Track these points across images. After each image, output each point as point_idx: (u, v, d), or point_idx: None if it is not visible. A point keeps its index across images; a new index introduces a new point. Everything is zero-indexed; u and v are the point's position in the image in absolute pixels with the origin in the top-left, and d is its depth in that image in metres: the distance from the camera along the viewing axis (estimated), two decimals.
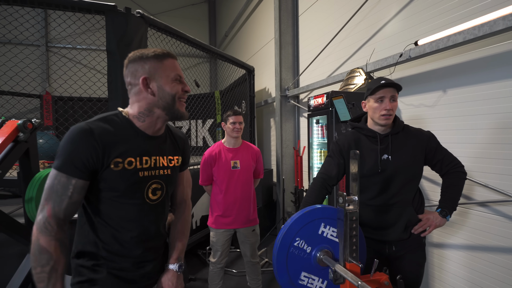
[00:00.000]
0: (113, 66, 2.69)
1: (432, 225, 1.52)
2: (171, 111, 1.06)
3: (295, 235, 1.27)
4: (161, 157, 1.12)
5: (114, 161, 0.99)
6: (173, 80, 1.05)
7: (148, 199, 1.08)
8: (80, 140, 0.94)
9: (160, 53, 1.05)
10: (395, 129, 1.56)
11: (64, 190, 0.94)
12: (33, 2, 2.49)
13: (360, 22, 3.07)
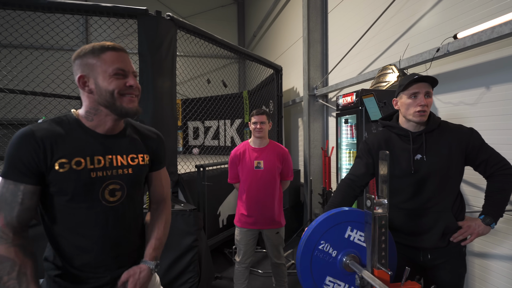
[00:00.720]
0: (144, 67, 2.80)
1: (474, 233, 1.37)
2: (113, 109, 0.99)
3: (319, 238, 1.23)
4: (119, 156, 1.05)
5: (58, 162, 0.93)
6: (111, 76, 0.96)
7: (105, 201, 1.00)
8: (20, 144, 0.91)
9: (98, 47, 0.97)
10: (430, 126, 1.42)
11: (14, 197, 0.90)
12: (72, 9, 2.66)
13: (393, 17, 2.92)
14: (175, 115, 3.06)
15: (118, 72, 0.97)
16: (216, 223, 3.58)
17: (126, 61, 1.01)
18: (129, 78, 1.00)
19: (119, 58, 0.99)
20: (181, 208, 2.32)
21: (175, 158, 3.04)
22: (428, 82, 1.38)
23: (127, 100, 1.00)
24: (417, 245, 1.43)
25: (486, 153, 1.39)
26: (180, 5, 9.50)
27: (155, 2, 9.09)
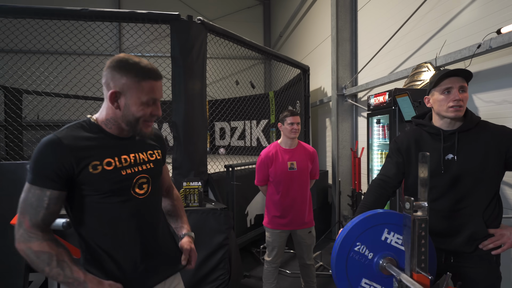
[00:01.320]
0: (176, 70, 2.90)
1: (508, 243, 1.27)
2: (133, 129, 1.05)
3: (355, 240, 1.22)
4: (141, 153, 1.13)
5: (91, 165, 0.98)
6: (143, 103, 1.01)
7: (136, 194, 1.08)
8: (49, 151, 0.94)
9: (141, 73, 0.99)
10: (466, 125, 1.33)
11: (40, 202, 0.94)
12: (110, 17, 2.81)
13: (428, 13, 2.81)
14: (205, 116, 3.14)
15: (149, 101, 1.02)
16: (244, 222, 3.63)
17: (159, 90, 1.05)
18: (156, 106, 1.05)
19: (155, 88, 1.03)
20: (212, 207, 2.37)
21: (205, 158, 3.11)
22: (461, 76, 1.30)
23: (146, 126, 1.06)
24: (439, 246, 1.34)
25: None
26: (208, 8, 9.71)
27: (183, 6, 9.37)
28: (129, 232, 1.07)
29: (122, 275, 1.06)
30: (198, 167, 2.98)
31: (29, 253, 0.92)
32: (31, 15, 2.69)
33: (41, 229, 0.94)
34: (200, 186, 2.45)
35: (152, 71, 1.02)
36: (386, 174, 1.49)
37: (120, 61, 1.00)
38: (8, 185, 2.08)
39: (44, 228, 0.95)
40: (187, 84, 2.91)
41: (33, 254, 0.91)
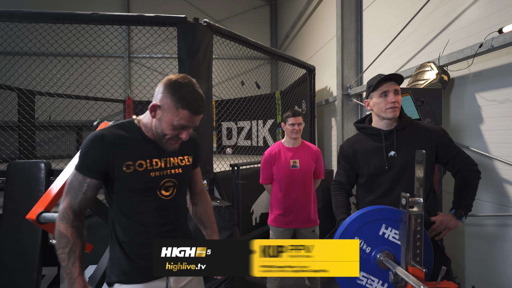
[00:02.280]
0: (183, 72, 2.97)
1: (447, 227, 1.44)
2: (159, 140, 1.16)
3: (353, 234, 1.26)
4: (172, 158, 1.22)
5: (125, 164, 1.11)
6: (173, 125, 1.10)
7: (162, 195, 1.19)
8: (93, 145, 1.09)
9: (183, 101, 1.07)
10: (401, 124, 1.50)
11: (80, 187, 1.09)
12: (120, 21, 2.90)
13: (432, 12, 2.82)
14: (211, 116, 3.21)
15: (178, 127, 1.11)
16: (249, 220, 3.68)
17: (193, 121, 1.12)
18: (184, 131, 1.13)
19: (189, 119, 1.10)
20: (217, 205, 2.43)
21: (211, 157, 3.18)
22: (395, 81, 1.46)
23: (171, 143, 1.16)
24: None
25: (454, 150, 1.48)
26: (215, 9, 9.79)
27: (190, 7, 9.47)
28: (151, 228, 1.18)
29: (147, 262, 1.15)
30: (204, 166, 3.05)
31: (57, 229, 1.09)
32: (44, 20, 2.79)
33: (74, 213, 1.09)
34: (206, 185, 2.51)
35: (193, 105, 1.09)
36: (339, 180, 1.66)
37: (173, 83, 1.09)
38: (22, 183, 2.17)
39: (77, 213, 1.10)
40: None
41: (58, 233, 1.08)
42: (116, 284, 1.18)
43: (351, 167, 1.62)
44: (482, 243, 2.38)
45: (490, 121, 2.25)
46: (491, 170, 2.25)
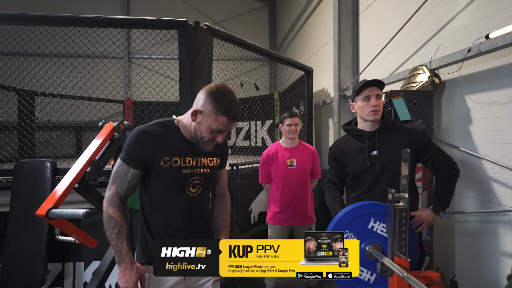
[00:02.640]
0: (184, 74, 3.05)
1: (425, 221, 1.53)
2: (197, 142, 1.27)
3: (344, 228, 1.35)
4: (202, 158, 1.31)
5: (163, 159, 1.22)
6: (212, 129, 1.20)
7: (189, 191, 1.29)
8: (138, 139, 1.20)
9: (223, 109, 1.17)
10: (383, 125, 1.62)
11: (125, 176, 1.21)
12: (122, 24, 2.99)
13: (426, 17, 2.92)
14: None
15: (216, 131, 1.21)
16: (248, 219, 3.76)
17: (229, 126, 1.23)
18: (220, 135, 1.23)
19: (225, 124, 1.20)
20: None
21: None
22: (377, 86, 1.58)
23: (207, 145, 1.28)
24: None
25: (433, 150, 1.58)
26: (214, 11, 9.88)
27: (191, 9, 9.56)
28: (176, 220, 1.28)
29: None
30: None
31: (105, 213, 1.20)
32: (49, 23, 2.87)
33: (120, 199, 1.21)
34: None
35: (232, 112, 1.19)
36: (330, 179, 1.77)
37: (216, 92, 1.19)
38: (29, 181, 2.24)
39: (122, 198, 1.22)
40: (193, 87, 3.06)
41: (107, 216, 1.19)
42: (145, 265, 1.28)
43: (339, 167, 1.74)
44: (469, 239, 2.48)
45: (478, 122, 2.35)
46: (479, 169, 2.35)
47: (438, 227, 2.76)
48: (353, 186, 1.70)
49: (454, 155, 2.59)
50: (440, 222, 2.76)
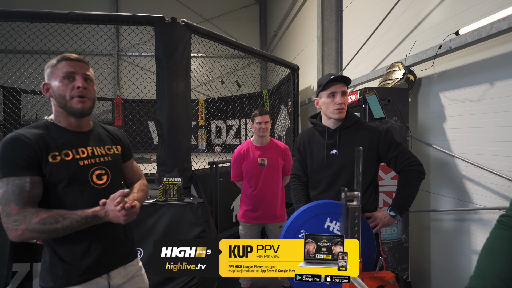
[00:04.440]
0: (160, 71, 3.01)
1: (380, 223, 1.50)
2: (66, 109, 1.16)
3: (299, 228, 1.33)
4: (98, 147, 1.24)
5: (51, 155, 1.10)
6: (62, 79, 1.13)
7: (94, 183, 1.18)
8: (14, 145, 1.05)
9: (58, 58, 1.15)
10: (345, 123, 1.56)
11: (21, 190, 1.03)
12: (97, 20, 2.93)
13: (403, 13, 2.90)
14: (189, 115, 3.24)
15: (67, 75, 1.14)
16: (229, 217, 3.74)
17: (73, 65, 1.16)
18: (77, 80, 1.15)
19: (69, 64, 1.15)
20: (190, 201, 2.49)
21: (189, 155, 3.23)
22: (343, 82, 1.53)
23: (77, 102, 1.15)
24: None
25: (396, 150, 1.51)
26: (205, 8, 9.81)
27: (181, 6, 9.47)
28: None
29: (82, 257, 1.16)
30: (182, 164, 3.10)
31: (33, 227, 1.00)
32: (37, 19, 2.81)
33: (31, 206, 1.05)
34: (180, 182, 2.56)
35: (66, 55, 1.17)
36: (296, 173, 1.74)
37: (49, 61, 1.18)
38: None
39: (33, 205, 1.06)
40: (171, 84, 3.01)
41: (38, 224, 1.01)
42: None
43: (303, 160, 1.70)
44: (443, 237, 2.48)
45: (452, 120, 2.34)
46: (452, 167, 2.34)
47: (414, 225, 2.76)
48: (311, 185, 1.67)
49: (429, 153, 2.58)
50: (416, 220, 2.76)
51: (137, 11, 8.85)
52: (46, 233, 1.03)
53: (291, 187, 1.75)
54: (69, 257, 1.14)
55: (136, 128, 7.10)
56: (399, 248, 2.55)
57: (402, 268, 2.57)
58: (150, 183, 2.94)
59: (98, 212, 1.09)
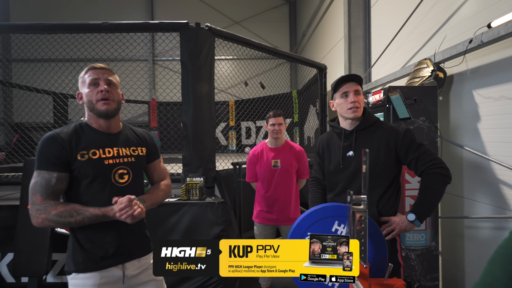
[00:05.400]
0: (185, 74, 3.13)
1: (397, 228, 1.42)
2: (94, 112, 1.28)
3: (306, 230, 1.32)
4: (124, 148, 1.33)
5: (80, 153, 1.23)
6: (89, 85, 1.27)
7: (116, 182, 1.28)
8: (49, 143, 1.19)
9: (85, 70, 1.29)
10: (361, 124, 1.51)
11: (48, 183, 1.17)
12: (127, 28, 3.12)
13: (433, 7, 2.73)
14: (213, 117, 3.33)
15: (92, 82, 1.27)
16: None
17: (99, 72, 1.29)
18: (100, 85, 1.28)
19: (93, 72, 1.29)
20: (211, 201, 2.56)
21: (213, 156, 3.31)
22: (354, 81, 1.48)
23: (101, 104, 1.27)
24: None
25: (416, 152, 1.43)
26: (235, 11, 9.98)
27: (212, 11, 9.72)
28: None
29: (99, 248, 1.26)
30: (206, 164, 3.19)
31: (51, 218, 1.14)
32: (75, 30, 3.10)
33: (52, 199, 1.18)
34: (202, 182, 2.64)
35: (92, 65, 1.30)
36: (316, 176, 1.72)
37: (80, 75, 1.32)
38: None
39: (54, 198, 1.19)
40: (195, 87, 3.12)
41: (55, 216, 1.14)
42: (74, 273, 1.25)
43: (323, 162, 1.67)
44: (480, 246, 2.29)
45: (486, 119, 2.16)
46: (488, 170, 2.16)
47: (446, 232, 2.58)
48: (328, 187, 1.64)
49: (462, 155, 2.41)
50: (449, 227, 2.59)
51: (171, 17, 9.23)
52: (61, 224, 1.17)
53: (309, 189, 1.74)
54: (88, 246, 1.26)
55: (170, 130, 7.42)
56: (428, 256, 2.41)
57: (431, 278, 2.42)
58: (177, 182, 3.10)
59: (108, 212, 1.19)
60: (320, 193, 1.70)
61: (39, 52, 3.51)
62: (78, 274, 1.25)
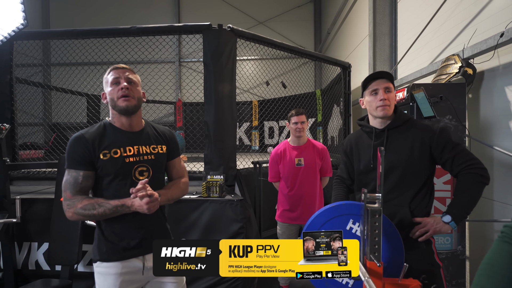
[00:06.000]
0: (207, 75, 3.21)
1: (431, 229, 1.35)
2: (116, 109, 1.35)
3: (320, 227, 1.32)
4: (144, 146, 1.39)
5: (102, 153, 1.30)
6: (111, 84, 1.34)
7: (136, 179, 1.34)
8: (75, 143, 1.29)
9: (108, 71, 1.37)
10: (393, 123, 1.46)
11: (75, 181, 1.27)
12: (153, 32, 3.26)
13: (463, 0, 2.60)
14: (234, 116, 3.38)
15: (114, 81, 1.35)
16: (273, 217, 3.78)
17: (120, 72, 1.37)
18: (120, 83, 1.35)
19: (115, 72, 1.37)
20: (230, 198, 2.61)
21: (234, 155, 3.36)
22: (385, 78, 1.42)
23: (122, 101, 1.33)
24: None
25: (452, 151, 1.36)
26: (259, 11, 10.02)
27: (236, 11, 9.84)
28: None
29: (121, 239, 1.35)
30: (227, 162, 3.25)
31: (78, 211, 1.24)
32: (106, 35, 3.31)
33: (80, 194, 1.28)
34: (222, 180, 2.70)
35: (113, 67, 1.38)
36: (341, 175, 1.70)
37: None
38: None
39: (82, 194, 1.29)
40: (217, 87, 3.19)
41: (81, 209, 1.24)
42: (99, 261, 1.35)
43: (350, 162, 1.64)
44: None
45: None
46: None
47: (474, 236, 2.46)
48: (357, 186, 1.60)
49: (493, 155, 2.28)
50: (477, 230, 2.46)
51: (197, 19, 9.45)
52: (86, 217, 1.26)
53: (333, 187, 1.71)
54: (111, 237, 1.35)
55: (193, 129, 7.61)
56: (454, 260, 2.31)
57: (457, 283, 2.31)
58: (198, 180, 3.18)
59: (126, 202, 1.26)
60: (344, 191, 1.67)
61: (73, 56, 3.75)
62: (102, 263, 1.34)
